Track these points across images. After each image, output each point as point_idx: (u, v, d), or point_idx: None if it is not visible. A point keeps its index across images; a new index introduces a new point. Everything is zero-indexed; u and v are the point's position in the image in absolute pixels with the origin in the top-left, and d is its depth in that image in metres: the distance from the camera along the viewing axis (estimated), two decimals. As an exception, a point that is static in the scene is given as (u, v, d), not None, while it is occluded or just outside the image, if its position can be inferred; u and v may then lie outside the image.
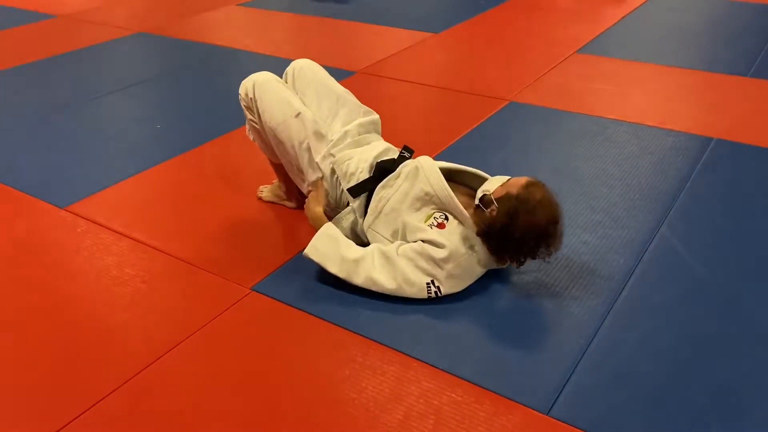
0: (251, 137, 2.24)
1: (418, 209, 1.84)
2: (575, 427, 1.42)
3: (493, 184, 1.82)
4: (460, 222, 1.81)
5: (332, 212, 2.04)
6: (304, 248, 1.88)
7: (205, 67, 3.88)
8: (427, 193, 1.84)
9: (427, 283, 1.76)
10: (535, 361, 1.62)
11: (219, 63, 3.92)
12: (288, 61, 2.28)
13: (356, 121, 2.10)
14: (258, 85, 2.08)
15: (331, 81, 2.22)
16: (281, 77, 2.22)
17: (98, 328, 1.77)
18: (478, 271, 1.83)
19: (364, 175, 1.95)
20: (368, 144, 2.07)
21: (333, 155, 2.00)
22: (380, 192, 1.90)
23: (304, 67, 2.22)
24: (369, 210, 1.91)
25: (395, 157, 2.01)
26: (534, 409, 1.46)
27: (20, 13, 5.04)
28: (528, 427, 1.42)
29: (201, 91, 3.50)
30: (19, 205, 2.41)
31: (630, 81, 3.42)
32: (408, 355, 1.63)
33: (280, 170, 2.26)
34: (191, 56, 4.04)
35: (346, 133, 2.04)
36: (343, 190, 1.98)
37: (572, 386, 1.53)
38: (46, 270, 2.04)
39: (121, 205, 2.38)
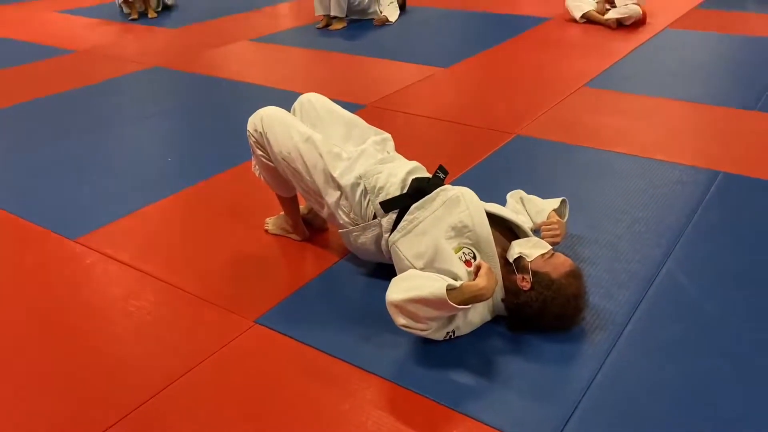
0: (257, 173, 2.26)
1: (450, 238, 1.82)
2: (577, 465, 1.41)
3: (532, 249, 1.81)
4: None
5: (350, 224, 2.03)
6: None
7: (217, 100, 3.95)
8: (465, 226, 1.82)
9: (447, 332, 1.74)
10: (538, 397, 1.61)
11: (230, 96, 3.99)
12: (299, 95, 2.32)
13: (370, 140, 2.14)
14: (266, 118, 2.11)
15: (338, 108, 2.26)
16: (289, 111, 2.26)
17: (104, 360, 1.79)
18: (488, 317, 1.84)
19: (394, 189, 1.96)
20: (393, 161, 2.08)
21: (355, 170, 2.00)
22: (415, 212, 1.89)
23: (311, 99, 2.27)
24: (399, 227, 1.89)
25: (429, 176, 2.02)
26: (536, 446, 1.45)
27: (41, 48, 5.18)
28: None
29: (212, 124, 3.55)
30: (31, 236, 2.45)
31: (637, 114, 3.44)
32: (410, 389, 1.62)
33: (287, 204, 2.29)
34: (204, 90, 4.13)
35: (362, 150, 2.06)
36: (369, 203, 1.98)
37: (575, 423, 1.52)
38: (55, 302, 2.06)
39: (131, 238, 2.41)
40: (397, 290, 1.66)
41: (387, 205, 1.95)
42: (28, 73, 4.55)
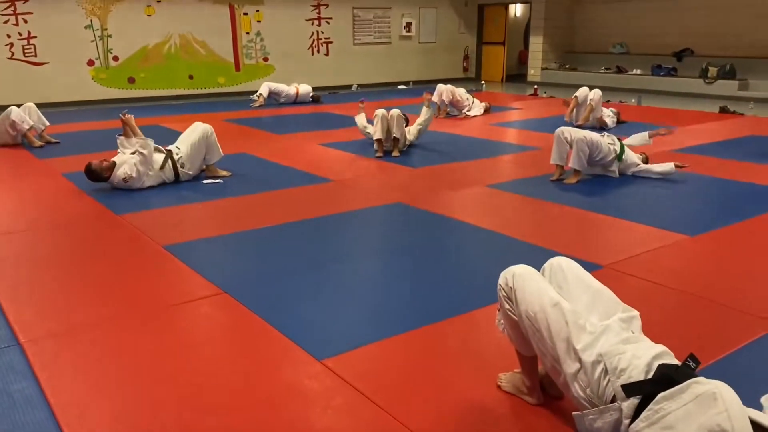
0: (501, 328, 2.30)
1: None
2: None
3: None
4: None
5: (585, 399, 1.95)
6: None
7: (454, 241, 4.13)
8: (724, 430, 1.64)
9: None
10: None
11: (464, 239, 4.17)
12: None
13: (616, 316, 2.07)
14: (517, 275, 2.17)
15: (588, 276, 2.25)
16: (537, 269, 2.29)
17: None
18: None
19: (638, 373, 1.86)
20: (638, 342, 1.99)
21: (597, 347, 1.95)
22: (662, 401, 1.76)
23: (561, 264, 2.28)
24: (642, 416, 1.78)
25: (677, 363, 1.90)
26: None
27: (302, 174, 5.94)
28: None
29: (448, 264, 3.71)
30: (284, 350, 2.70)
31: None
32: None
33: (526, 363, 2.27)
34: (439, 229, 4.36)
35: (607, 327, 2.01)
36: (608, 383, 1.89)
37: None
38: (290, 424, 2.22)
39: (370, 368, 2.55)
40: None
41: (629, 389, 1.84)
42: (294, 196, 5.20)
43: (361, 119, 7.42)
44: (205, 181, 5.63)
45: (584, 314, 2.09)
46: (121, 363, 2.62)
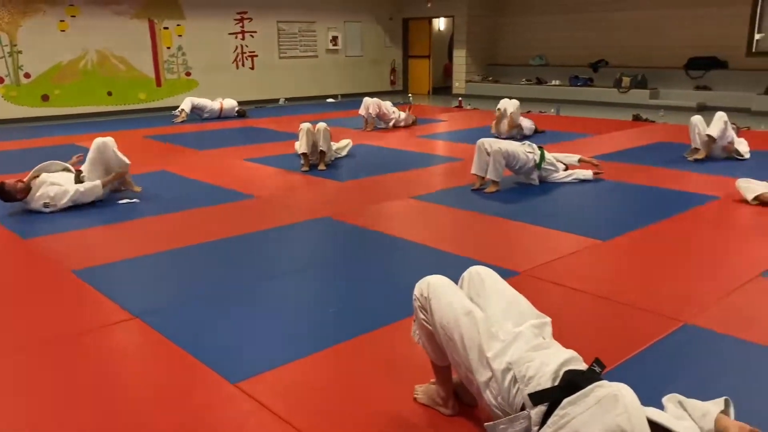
0: (416, 338, 2.30)
1: None
2: None
3: None
4: None
5: (497, 407, 1.96)
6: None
7: (379, 254, 4.13)
8: (623, 431, 1.69)
9: None
10: None
11: (388, 252, 4.17)
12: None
13: (528, 323, 2.11)
14: (432, 285, 2.19)
15: (504, 284, 2.29)
16: (452, 278, 2.30)
17: None
18: None
19: (545, 380, 1.89)
20: (548, 348, 2.03)
21: (507, 355, 1.97)
22: (567, 407, 1.80)
23: (480, 272, 2.32)
24: (549, 422, 1.81)
25: (583, 368, 1.94)
26: None
27: (224, 191, 5.81)
28: None
29: (370, 278, 3.70)
30: (197, 375, 2.61)
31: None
32: None
33: (441, 373, 2.28)
34: (365, 243, 4.36)
35: (519, 334, 2.04)
36: (518, 391, 1.92)
37: None
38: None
39: (287, 388, 2.49)
40: None
41: (536, 397, 1.87)
42: (210, 215, 5.07)
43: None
44: (120, 201, 5.43)
45: (499, 322, 2.12)
46: (19, 395, 2.47)
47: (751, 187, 5.09)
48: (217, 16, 13.16)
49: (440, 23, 17.18)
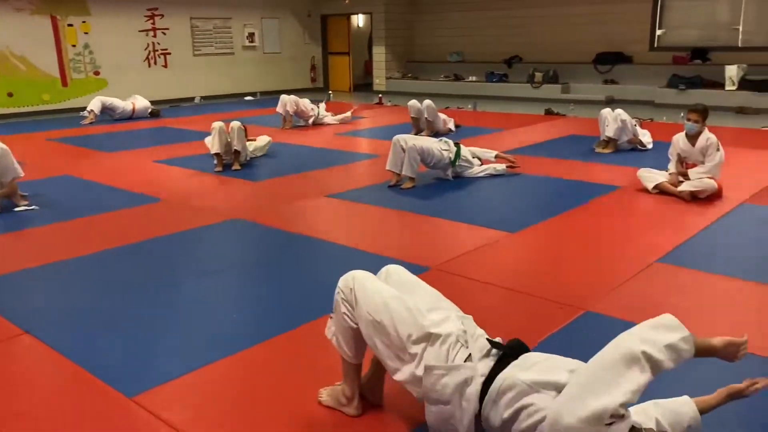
0: (330, 335, 2.28)
1: None
2: None
3: None
4: None
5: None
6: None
7: (288, 256, 4.06)
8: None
9: None
10: None
11: (301, 252, 4.10)
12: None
13: (453, 314, 2.15)
14: (357, 278, 2.20)
15: (422, 283, 2.32)
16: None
17: None
18: None
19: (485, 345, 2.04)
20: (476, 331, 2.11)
21: (445, 327, 2.03)
22: (529, 354, 2.02)
23: (398, 270, 2.36)
24: (514, 363, 1.94)
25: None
26: None
27: (129, 195, 5.57)
28: None
29: (282, 279, 3.62)
30: (90, 390, 2.48)
31: (708, 296, 3.29)
32: None
33: (350, 371, 2.27)
34: (276, 244, 4.28)
35: (447, 317, 2.09)
36: (461, 348, 1.99)
37: None
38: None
39: (187, 399, 2.41)
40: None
41: (494, 344, 2.01)
42: (113, 220, 4.84)
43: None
44: (16, 209, 5.11)
45: (424, 311, 2.13)
46: None
47: (651, 177, 5.33)
48: (125, 13, 12.63)
49: (359, 20, 17.17)
